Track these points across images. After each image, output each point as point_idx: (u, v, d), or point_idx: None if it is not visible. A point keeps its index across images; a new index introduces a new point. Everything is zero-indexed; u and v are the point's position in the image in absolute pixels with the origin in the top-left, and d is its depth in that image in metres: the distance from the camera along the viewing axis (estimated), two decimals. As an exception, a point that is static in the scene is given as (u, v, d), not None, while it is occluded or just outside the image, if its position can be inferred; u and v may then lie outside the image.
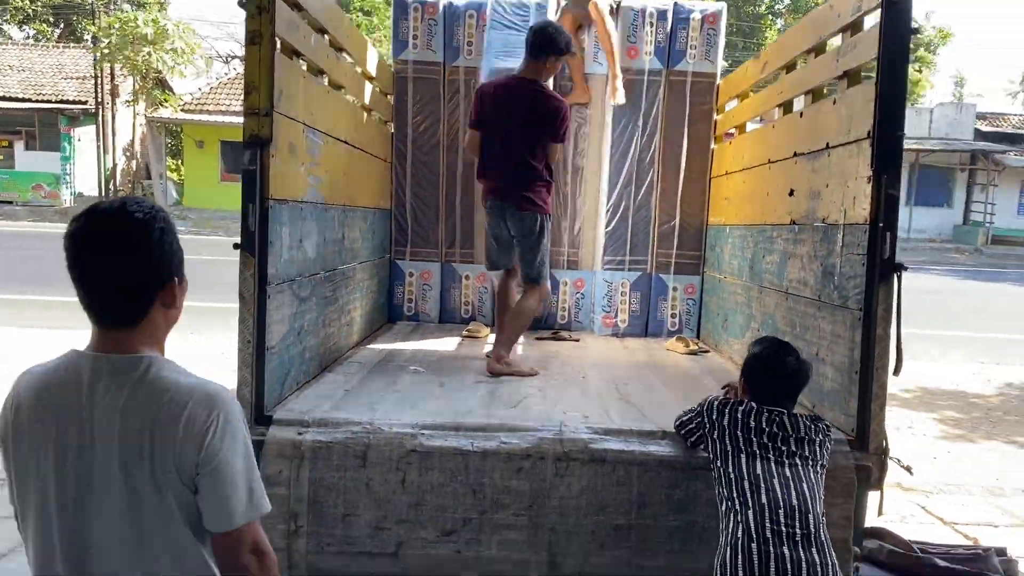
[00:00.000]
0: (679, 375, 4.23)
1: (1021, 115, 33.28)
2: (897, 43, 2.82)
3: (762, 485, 2.43)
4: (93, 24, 26.52)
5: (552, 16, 5.31)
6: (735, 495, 2.47)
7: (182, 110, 25.61)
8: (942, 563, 3.73)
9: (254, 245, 2.85)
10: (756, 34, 36.67)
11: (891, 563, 3.40)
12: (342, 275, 4.12)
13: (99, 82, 24.67)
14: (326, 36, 3.76)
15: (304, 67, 3.41)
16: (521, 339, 5.13)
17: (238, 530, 1.70)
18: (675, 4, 5.40)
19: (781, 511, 2.38)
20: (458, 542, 2.86)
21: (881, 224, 2.86)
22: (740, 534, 2.37)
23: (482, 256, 4.80)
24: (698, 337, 5.46)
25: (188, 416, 1.63)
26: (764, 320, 4.09)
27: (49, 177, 25.59)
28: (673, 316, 5.54)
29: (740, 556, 2.33)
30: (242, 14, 2.81)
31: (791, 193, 3.78)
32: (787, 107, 4.14)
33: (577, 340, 5.23)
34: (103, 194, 24.48)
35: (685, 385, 3.91)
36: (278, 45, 2.92)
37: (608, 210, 5.43)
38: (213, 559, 1.76)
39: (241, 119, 2.89)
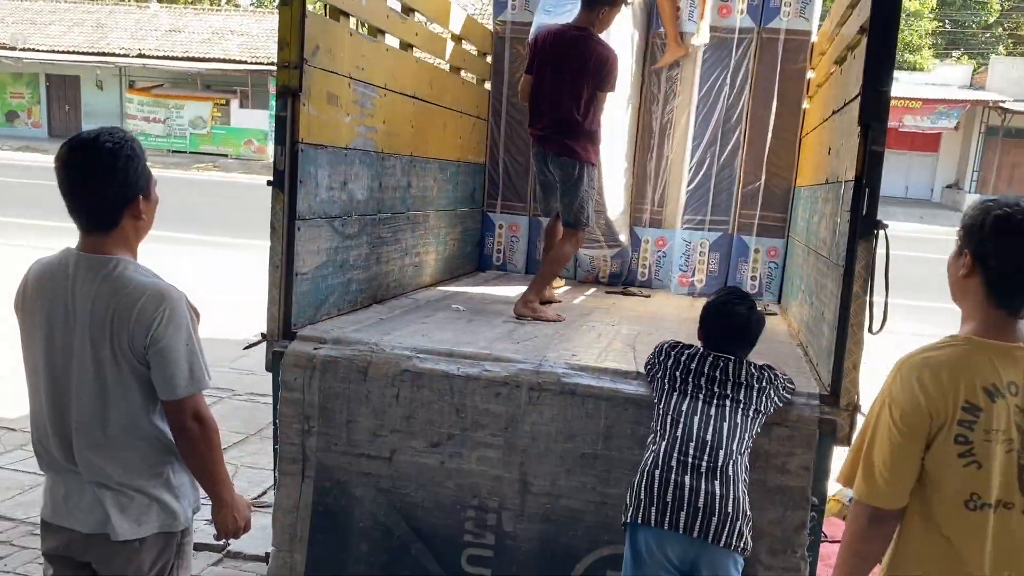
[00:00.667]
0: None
1: None
2: (887, -4, 2.77)
3: (682, 420, 2.58)
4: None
5: None
6: (658, 428, 2.63)
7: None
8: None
9: (283, 183, 3.29)
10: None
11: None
12: (407, 220, 4.51)
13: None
14: (387, -2, 4.13)
15: (352, 25, 3.79)
16: (566, 286, 5.37)
17: (181, 400, 2.15)
18: (771, -39, 5.30)
19: (692, 444, 2.52)
20: (443, 454, 3.20)
21: (864, 180, 2.85)
22: (650, 461, 2.54)
23: None
24: (779, 301, 5.41)
25: (140, 307, 2.08)
26: (806, 281, 4.07)
27: (259, 133, 28.15)
28: (753, 279, 5.52)
29: (644, 480, 2.51)
30: None
31: (829, 152, 3.74)
32: (841, 63, 4.04)
33: (648, 296, 5.36)
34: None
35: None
36: (312, 5, 3.31)
37: (691, 168, 5.48)
38: (164, 422, 2.22)
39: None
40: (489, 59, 5.80)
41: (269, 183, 3.31)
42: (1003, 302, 1.81)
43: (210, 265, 10.51)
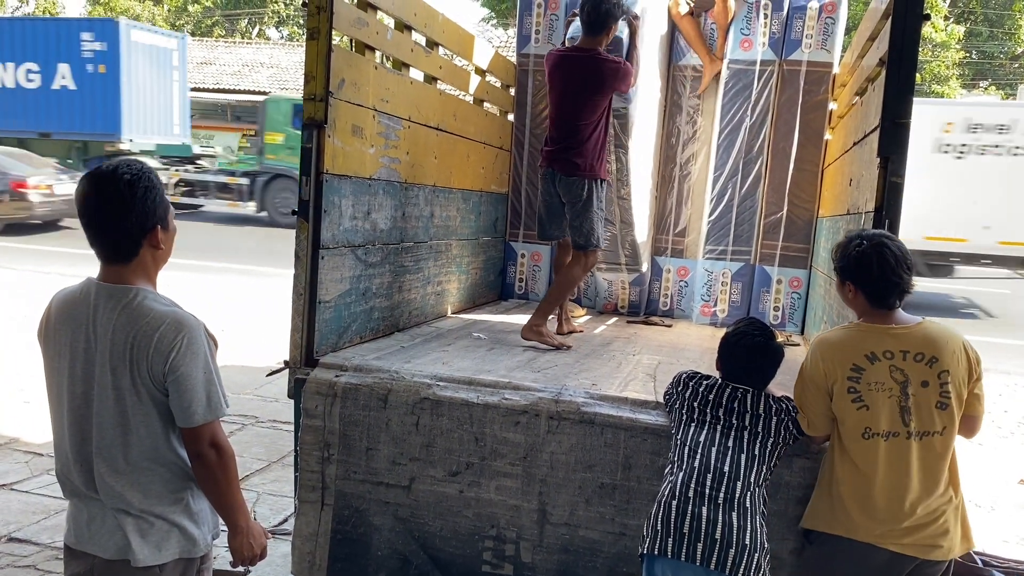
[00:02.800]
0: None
1: None
2: (906, 29, 2.79)
3: (699, 451, 2.57)
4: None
5: None
6: (676, 458, 2.62)
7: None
8: (1000, 576, 3.57)
9: (308, 212, 3.34)
10: (1006, 22, 33.16)
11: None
12: (430, 248, 4.56)
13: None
14: (412, 33, 4.21)
15: (378, 59, 3.87)
16: (587, 315, 5.37)
17: (199, 427, 2.17)
18: (791, -7, 5.35)
19: (710, 475, 2.51)
20: (461, 483, 3.20)
21: (884, 212, 2.85)
22: (667, 492, 2.54)
23: None
24: (802, 332, 5.38)
25: (159, 336, 2.11)
26: (829, 312, 4.05)
27: (287, 163, 28.52)
28: (776, 309, 5.49)
29: (661, 511, 2.50)
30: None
31: (850, 183, 3.74)
32: (862, 95, 4.06)
33: (669, 326, 5.35)
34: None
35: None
36: (338, 39, 3.39)
37: (712, 199, 5.49)
38: (183, 448, 2.25)
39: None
40: (512, 91, 5.87)
41: (294, 212, 3.37)
42: (879, 304, 2.58)
43: (236, 292, 10.64)
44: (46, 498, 4.46)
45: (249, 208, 19.02)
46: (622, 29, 4.56)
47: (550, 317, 4.33)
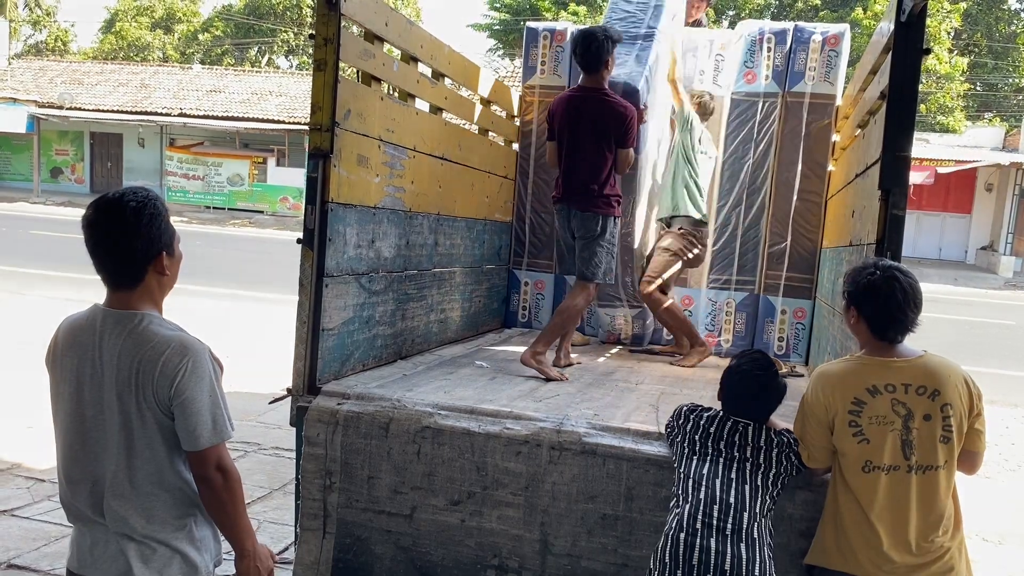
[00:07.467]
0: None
1: None
2: (907, 64, 2.82)
3: (704, 483, 2.56)
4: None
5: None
6: (680, 491, 2.62)
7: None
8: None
9: (313, 241, 3.37)
10: (1010, 54, 33.37)
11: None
12: (433, 276, 4.58)
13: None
14: (418, 64, 4.26)
15: (385, 90, 3.92)
16: (585, 343, 5.34)
17: (205, 451, 2.18)
18: (795, 27, 5.40)
19: (716, 507, 2.50)
20: (463, 512, 3.19)
21: (885, 244, 2.86)
22: (674, 524, 2.53)
23: None
24: (807, 363, 5.37)
25: (164, 360, 2.12)
26: (833, 342, 4.05)
27: (294, 191, 28.64)
28: (780, 339, 5.48)
29: (669, 544, 2.49)
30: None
31: (852, 214, 3.76)
32: (864, 127, 4.08)
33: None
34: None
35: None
36: (346, 71, 3.43)
37: (716, 228, 5.51)
38: (189, 472, 2.25)
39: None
40: (517, 121, 5.92)
41: (299, 241, 3.39)
42: (881, 335, 2.56)
43: (241, 318, 10.66)
44: (47, 524, 4.44)
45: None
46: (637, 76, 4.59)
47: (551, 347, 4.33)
